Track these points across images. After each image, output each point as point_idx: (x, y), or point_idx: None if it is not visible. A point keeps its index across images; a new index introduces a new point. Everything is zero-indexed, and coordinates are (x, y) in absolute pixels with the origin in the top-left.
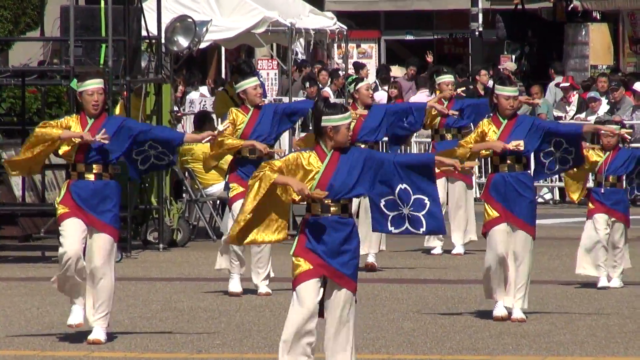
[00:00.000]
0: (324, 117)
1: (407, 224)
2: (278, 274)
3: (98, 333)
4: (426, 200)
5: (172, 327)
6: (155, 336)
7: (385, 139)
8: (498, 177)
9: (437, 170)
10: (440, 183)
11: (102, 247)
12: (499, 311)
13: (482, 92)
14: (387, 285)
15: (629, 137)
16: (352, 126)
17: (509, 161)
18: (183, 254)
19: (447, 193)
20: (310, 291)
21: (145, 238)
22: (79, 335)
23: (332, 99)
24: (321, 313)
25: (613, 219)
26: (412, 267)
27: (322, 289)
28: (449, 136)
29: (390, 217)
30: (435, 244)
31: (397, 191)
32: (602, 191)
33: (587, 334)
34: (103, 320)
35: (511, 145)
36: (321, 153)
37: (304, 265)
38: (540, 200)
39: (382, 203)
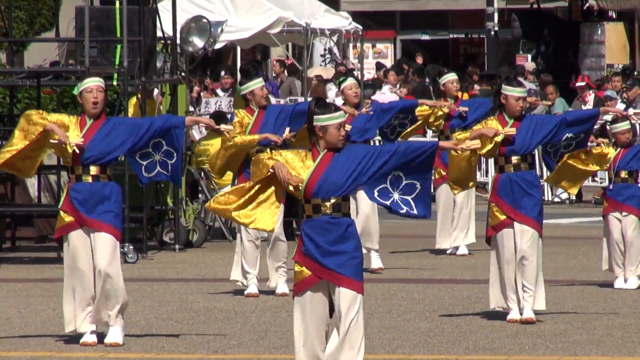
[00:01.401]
0: (314, 117)
1: (393, 202)
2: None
3: (115, 335)
4: (417, 185)
5: (188, 328)
6: (171, 337)
7: (378, 138)
8: (504, 178)
9: (443, 174)
10: (446, 187)
11: (104, 246)
12: (514, 315)
13: None
14: (403, 285)
15: (636, 119)
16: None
17: (514, 161)
18: (199, 254)
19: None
20: (310, 300)
21: (161, 239)
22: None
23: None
24: (331, 313)
25: (625, 214)
26: (428, 267)
27: (326, 293)
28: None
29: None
30: (458, 243)
31: (389, 178)
32: (611, 187)
33: (603, 334)
34: (119, 320)
35: (504, 130)
36: (315, 152)
37: (304, 272)
38: (556, 199)
39: (376, 194)
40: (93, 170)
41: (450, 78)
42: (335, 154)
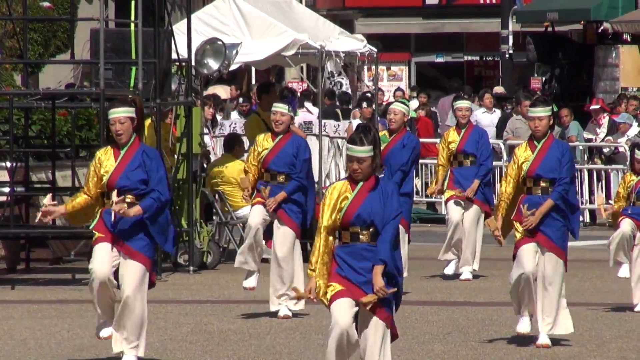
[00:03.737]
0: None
1: None
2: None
3: None
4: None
5: (202, 350)
6: (186, 359)
7: None
8: (530, 198)
9: (452, 194)
10: (457, 206)
11: (133, 275)
12: (522, 327)
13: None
14: (417, 307)
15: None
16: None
17: (542, 184)
18: (213, 276)
19: (463, 215)
20: (343, 307)
21: (176, 260)
22: (110, 359)
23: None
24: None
25: None
26: (442, 289)
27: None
28: (467, 162)
29: None
30: (464, 269)
31: None
32: (629, 211)
33: (617, 357)
34: (134, 350)
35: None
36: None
37: (337, 287)
38: None
39: None
40: (128, 198)
41: (460, 105)
42: (375, 185)
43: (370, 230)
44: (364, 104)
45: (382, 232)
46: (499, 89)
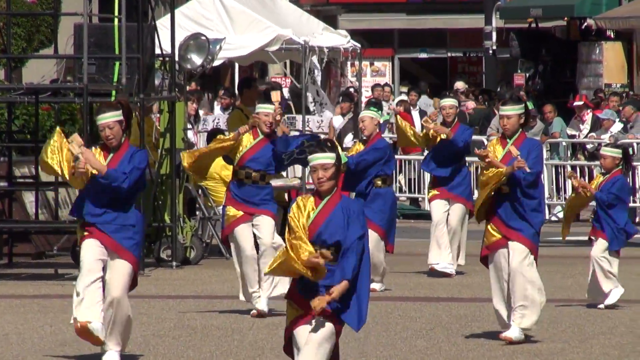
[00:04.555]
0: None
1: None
2: None
3: (112, 357)
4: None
5: (185, 345)
6: (169, 354)
7: None
8: (502, 195)
9: (436, 193)
10: (441, 203)
11: (121, 276)
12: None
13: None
14: (400, 303)
15: None
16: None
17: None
18: (196, 271)
19: (448, 214)
20: (299, 340)
21: (159, 256)
22: (93, 354)
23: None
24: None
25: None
26: (425, 285)
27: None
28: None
29: None
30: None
31: None
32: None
33: (600, 353)
34: (118, 346)
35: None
36: (317, 199)
37: (294, 312)
38: (553, 218)
39: None
40: None
41: (444, 103)
42: (340, 201)
43: (330, 250)
44: (340, 99)
45: (343, 255)
46: (460, 85)
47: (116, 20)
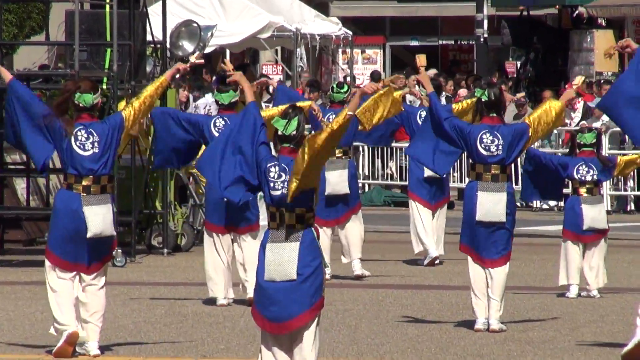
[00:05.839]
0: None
1: None
2: None
3: (94, 348)
4: None
5: (176, 332)
6: (160, 341)
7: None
8: (474, 184)
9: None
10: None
11: (101, 272)
12: (479, 324)
13: None
14: (392, 291)
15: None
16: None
17: (493, 171)
18: (187, 258)
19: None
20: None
21: (150, 243)
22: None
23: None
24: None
25: None
26: (416, 273)
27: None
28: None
29: None
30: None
31: None
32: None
33: (591, 341)
34: (97, 335)
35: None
36: None
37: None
38: (545, 206)
39: None
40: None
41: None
42: None
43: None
44: (308, 89)
45: None
46: (431, 72)
47: (107, 7)
